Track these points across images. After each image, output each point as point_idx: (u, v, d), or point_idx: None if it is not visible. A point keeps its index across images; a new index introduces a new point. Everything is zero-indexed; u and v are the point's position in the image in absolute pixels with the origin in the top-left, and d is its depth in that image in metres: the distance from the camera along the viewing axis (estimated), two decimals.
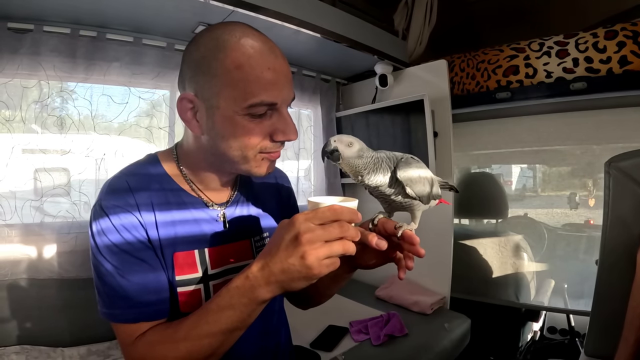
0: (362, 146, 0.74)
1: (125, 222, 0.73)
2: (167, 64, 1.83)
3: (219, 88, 0.70)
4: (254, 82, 0.69)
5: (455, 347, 1.85)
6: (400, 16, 2.44)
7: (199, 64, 0.71)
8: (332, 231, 0.60)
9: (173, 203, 0.79)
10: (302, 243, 0.59)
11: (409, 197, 0.75)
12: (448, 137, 2.16)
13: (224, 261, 0.83)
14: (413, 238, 0.70)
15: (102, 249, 0.71)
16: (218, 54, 0.69)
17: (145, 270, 0.73)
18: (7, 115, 1.55)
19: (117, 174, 0.80)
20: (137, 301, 0.71)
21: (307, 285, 0.63)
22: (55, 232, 1.63)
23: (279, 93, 0.72)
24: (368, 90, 2.55)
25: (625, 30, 1.91)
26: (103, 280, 0.72)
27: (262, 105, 0.70)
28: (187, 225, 0.79)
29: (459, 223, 2.88)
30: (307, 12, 1.71)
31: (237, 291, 0.65)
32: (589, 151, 2.37)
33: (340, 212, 0.61)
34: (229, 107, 0.70)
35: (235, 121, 0.71)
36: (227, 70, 0.68)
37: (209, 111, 0.72)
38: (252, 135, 0.72)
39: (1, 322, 1.53)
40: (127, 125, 1.81)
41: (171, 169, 0.83)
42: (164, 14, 1.61)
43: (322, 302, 1.02)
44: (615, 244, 1.46)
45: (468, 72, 2.44)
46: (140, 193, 0.76)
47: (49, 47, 1.56)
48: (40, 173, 1.62)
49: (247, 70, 0.68)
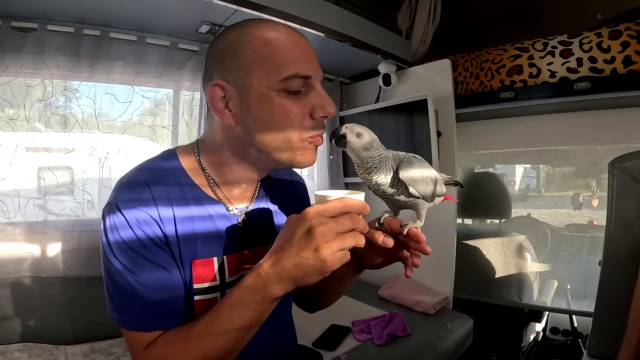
0: (372, 139, 0.74)
1: (141, 219, 0.69)
2: (171, 63, 1.83)
3: (250, 67, 0.67)
4: (285, 55, 0.67)
5: (457, 347, 1.85)
6: (404, 15, 2.44)
7: (225, 51, 0.69)
8: (344, 223, 0.60)
9: (193, 205, 0.75)
10: (315, 236, 0.58)
11: (413, 196, 0.75)
12: (451, 136, 2.16)
13: (240, 268, 0.80)
14: (419, 236, 0.70)
15: (115, 249, 0.67)
16: (244, 36, 0.68)
17: (162, 275, 0.70)
18: (10, 114, 1.56)
19: (133, 170, 0.74)
20: (152, 308, 0.68)
21: (319, 280, 0.62)
22: (58, 231, 1.64)
23: (310, 66, 0.70)
24: (371, 89, 2.55)
25: (629, 30, 1.90)
26: (115, 282, 0.68)
27: (297, 77, 0.68)
28: (207, 230, 0.75)
29: (462, 223, 2.88)
30: (311, 11, 1.71)
31: (249, 290, 0.64)
32: (593, 151, 2.36)
33: (351, 204, 0.61)
34: (262, 83, 0.67)
35: (271, 99, 0.68)
36: (255, 48, 0.67)
37: (242, 93, 0.69)
38: (290, 113, 0.69)
39: (4, 319, 1.54)
40: (130, 124, 1.82)
41: (191, 167, 0.78)
42: (168, 13, 1.62)
43: (330, 304, 1.01)
44: (619, 245, 1.45)
45: (472, 71, 2.43)
46: (158, 194, 0.71)
47: (53, 46, 1.56)
48: (43, 171, 1.63)
49: (275, 45, 0.67)
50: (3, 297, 1.54)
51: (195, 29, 1.76)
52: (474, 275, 2.55)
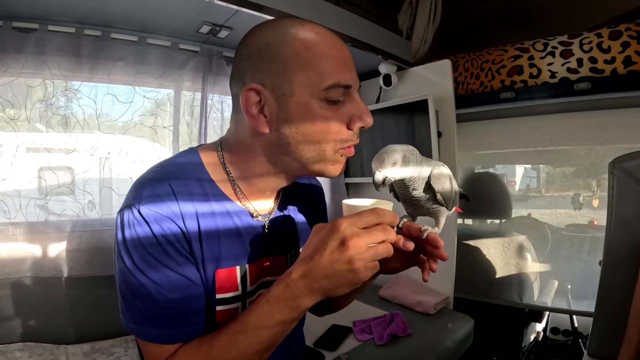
0: (404, 154, 0.73)
1: (167, 231, 0.65)
2: (172, 63, 1.84)
3: (291, 72, 0.64)
4: (328, 63, 0.65)
5: (458, 347, 1.85)
6: (405, 16, 2.44)
7: (263, 52, 0.65)
8: (377, 235, 0.59)
9: (217, 213, 0.72)
10: (349, 248, 0.57)
11: (437, 204, 0.78)
12: (452, 137, 2.16)
13: (260, 277, 0.78)
14: (437, 241, 0.71)
15: (137, 260, 0.64)
16: (285, 37, 0.65)
17: (187, 288, 0.67)
18: (12, 114, 1.56)
19: (156, 174, 0.70)
20: (174, 321, 0.65)
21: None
22: (59, 231, 1.64)
23: (351, 74, 0.68)
24: (372, 89, 2.55)
25: (629, 30, 1.90)
26: (135, 294, 0.64)
27: (339, 86, 0.65)
28: (231, 238, 0.73)
29: (462, 223, 2.88)
30: (311, 11, 1.71)
31: (278, 301, 0.62)
32: (593, 151, 2.36)
33: (383, 215, 0.60)
34: (304, 91, 0.64)
35: (312, 108, 0.65)
36: (297, 53, 0.64)
37: (281, 100, 0.65)
38: (331, 124, 0.67)
39: (6, 319, 1.54)
40: (131, 124, 1.83)
41: (217, 172, 0.75)
42: (169, 13, 1.62)
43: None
44: (619, 245, 1.46)
45: (472, 72, 2.44)
46: (183, 200, 0.68)
47: (54, 47, 1.57)
48: (44, 172, 1.63)
49: (318, 50, 0.65)
50: (4, 297, 1.54)
51: (196, 29, 1.76)
52: (474, 275, 2.55)
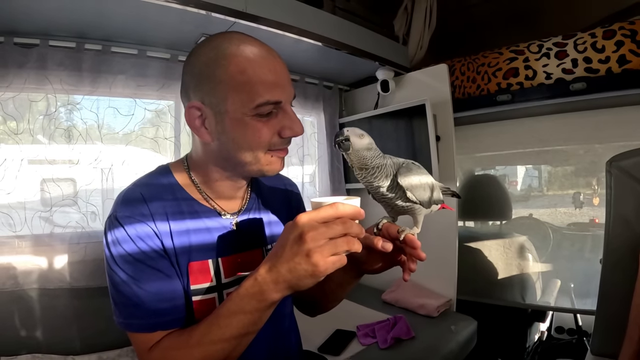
0: (371, 141, 0.77)
1: (140, 232, 0.74)
2: (172, 75, 1.85)
3: (226, 93, 0.72)
4: (259, 84, 0.71)
5: (462, 349, 1.86)
6: (400, 22, 2.47)
7: (203, 73, 0.73)
8: (335, 228, 0.61)
9: (186, 213, 0.81)
10: (306, 241, 0.60)
11: (410, 201, 0.77)
12: (450, 140, 2.18)
13: (236, 270, 0.84)
14: (414, 242, 0.72)
15: (118, 259, 0.72)
16: (221, 60, 0.72)
17: (161, 280, 0.74)
18: (14, 128, 1.57)
19: (130, 186, 0.81)
20: (153, 310, 0.72)
21: (315, 284, 0.64)
22: (64, 243, 1.64)
23: (282, 92, 0.75)
24: (370, 96, 2.57)
25: (623, 29, 1.91)
26: (119, 290, 0.73)
27: (268, 104, 0.72)
28: (201, 235, 0.80)
29: (463, 225, 2.89)
30: (308, 21, 1.74)
31: (247, 295, 0.66)
32: (592, 150, 2.37)
33: (343, 209, 0.62)
34: (237, 110, 0.72)
35: (245, 122, 0.73)
36: (231, 76, 0.71)
37: (218, 116, 0.74)
38: (261, 134, 0.74)
39: (13, 331, 1.54)
40: (133, 135, 1.84)
41: (183, 179, 0.85)
42: (167, 26, 1.64)
43: (330, 308, 1.03)
44: (618, 243, 1.46)
45: (469, 75, 2.46)
46: (153, 203, 0.77)
47: (55, 61, 1.58)
48: (48, 184, 1.64)
49: (250, 73, 0.71)
50: (11, 309, 1.55)
51: (194, 41, 1.78)
52: (476, 277, 2.56)
